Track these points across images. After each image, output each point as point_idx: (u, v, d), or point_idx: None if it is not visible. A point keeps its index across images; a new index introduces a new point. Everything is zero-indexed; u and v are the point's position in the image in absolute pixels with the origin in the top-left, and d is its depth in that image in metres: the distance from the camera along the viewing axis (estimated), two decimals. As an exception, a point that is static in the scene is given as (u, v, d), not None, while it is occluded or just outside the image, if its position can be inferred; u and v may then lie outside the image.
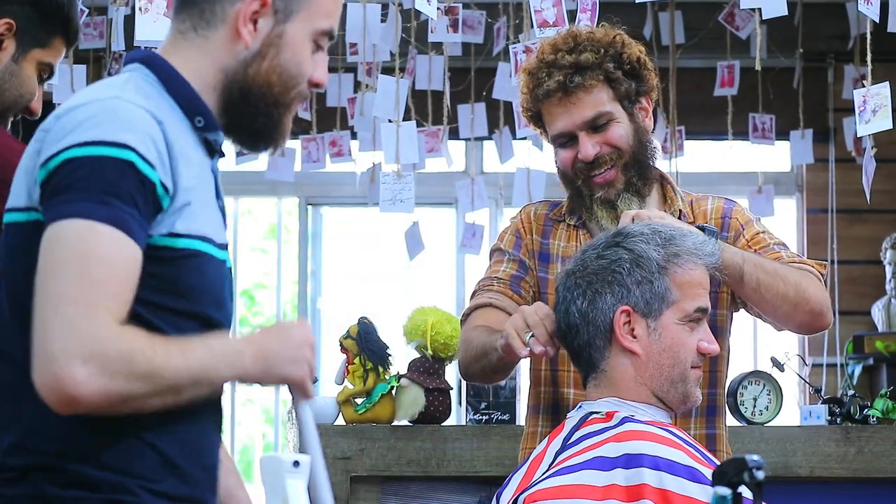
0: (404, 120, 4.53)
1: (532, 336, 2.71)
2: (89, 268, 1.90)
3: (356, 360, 3.78)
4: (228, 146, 2.19)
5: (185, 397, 1.96)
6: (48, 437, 1.97)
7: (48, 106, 5.84)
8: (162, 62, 2.09)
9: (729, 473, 1.98)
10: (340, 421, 3.82)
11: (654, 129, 3.12)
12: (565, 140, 3.00)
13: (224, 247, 2.12)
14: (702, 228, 2.83)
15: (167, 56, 2.10)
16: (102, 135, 1.94)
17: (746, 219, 3.08)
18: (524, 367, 3.60)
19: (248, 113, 2.12)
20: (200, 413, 2.05)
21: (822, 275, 2.99)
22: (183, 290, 2.02)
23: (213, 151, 2.13)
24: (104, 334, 1.88)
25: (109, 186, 1.92)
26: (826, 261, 6.28)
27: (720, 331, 3.01)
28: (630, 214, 2.81)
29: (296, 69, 2.12)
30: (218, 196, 2.14)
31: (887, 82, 3.61)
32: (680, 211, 3.05)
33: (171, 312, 2.01)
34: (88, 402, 1.88)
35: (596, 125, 2.97)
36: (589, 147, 2.97)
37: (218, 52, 2.09)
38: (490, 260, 3.16)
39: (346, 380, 3.82)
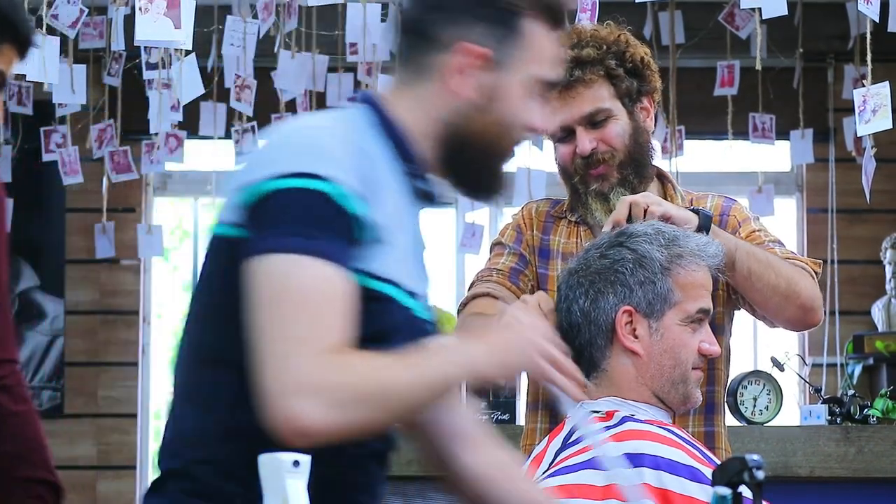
0: (404, 120, 4.52)
1: None
2: (308, 302, 1.89)
3: (356, 360, 3.78)
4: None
5: (424, 408, 1.97)
6: (192, 445, 2.01)
7: (48, 106, 5.86)
8: (382, 105, 2.08)
9: (729, 473, 1.98)
10: (340, 421, 3.81)
11: (654, 130, 3.12)
12: (564, 135, 3.00)
13: (415, 295, 2.09)
14: (696, 212, 2.83)
15: (390, 102, 2.09)
16: (309, 167, 1.93)
17: (744, 217, 3.08)
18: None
19: (466, 163, 2.10)
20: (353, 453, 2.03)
21: (816, 273, 2.99)
22: (365, 334, 1.98)
23: (422, 199, 2.11)
24: (328, 365, 1.87)
25: (316, 219, 1.91)
26: (826, 260, 6.29)
27: (718, 329, 3.01)
28: (627, 201, 2.80)
29: (513, 119, 2.09)
30: (418, 243, 2.14)
31: (887, 82, 3.61)
32: None
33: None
34: (323, 434, 1.87)
35: (594, 121, 2.97)
36: (586, 142, 2.97)
37: (435, 102, 2.07)
38: (490, 253, 3.16)
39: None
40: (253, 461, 1.83)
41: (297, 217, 1.91)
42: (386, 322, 2.01)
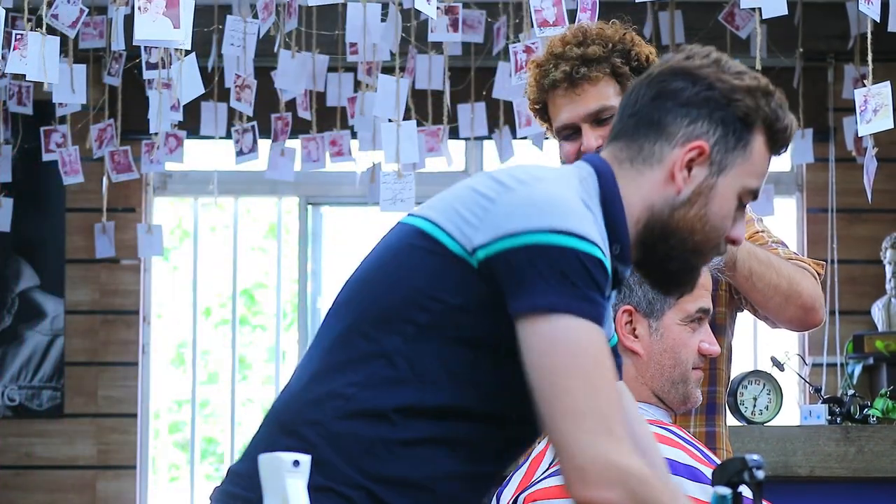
0: (404, 119, 4.53)
1: None
2: (594, 376, 1.94)
3: (356, 360, 3.78)
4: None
5: None
6: (302, 407, 2.04)
7: (48, 105, 5.87)
8: (613, 180, 2.12)
9: (729, 473, 1.98)
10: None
11: None
12: (569, 132, 3.00)
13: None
14: None
15: (615, 177, 2.13)
16: (573, 227, 1.98)
17: (748, 217, 3.08)
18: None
19: (665, 254, 2.13)
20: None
21: (818, 273, 2.99)
22: None
23: (616, 283, 2.14)
24: (627, 459, 1.94)
25: (591, 282, 1.97)
26: (826, 260, 6.29)
27: (719, 329, 3.01)
28: None
29: (719, 222, 2.13)
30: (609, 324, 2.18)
31: (888, 82, 3.61)
32: None
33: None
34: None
35: (600, 118, 2.97)
36: (592, 139, 2.97)
37: (649, 189, 2.11)
38: None
39: (346, 379, 3.81)
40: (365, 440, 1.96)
41: (576, 276, 1.96)
42: None
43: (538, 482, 2.61)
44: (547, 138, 5.71)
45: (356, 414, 2.02)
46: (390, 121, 4.52)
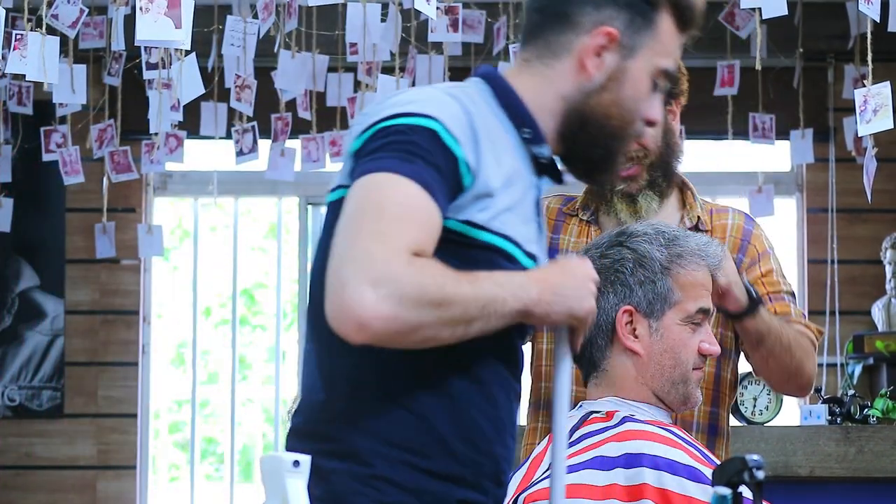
0: (404, 119, 4.52)
1: None
2: (389, 208, 1.94)
3: (356, 360, 3.78)
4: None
5: (474, 330, 1.97)
6: (316, 406, 2.06)
7: (48, 106, 5.86)
8: (499, 78, 2.15)
9: (729, 473, 1.99)
10: (340, 421, 3.81)
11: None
12: None
13: (533, 257, 2.13)
14: (748, 292, 2.86)
15: (509, 77, 2.16)
16: (413, 109, 2.01)
17: (764, 248, 3.07)
18: (525, 365, 3.58)
19: (585, 142, 2.16)
20: (478, 397, 2.06)
21: (817, 341, 3.02)
22: None
23: (540, 169, 2.16)
24: (396, 261, 1.90)
25: (415, 148, 1.98)
26: (826, 260, 6.29)
27: (726, 352, 3.02)
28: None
29: (634, 105, 2.15)
30: (538, 213, 2.17)
31: (888, 82, 3.61)
32: (698, 218, 3.05)
33: None
34: (379, 328, 1.90)
35: None
36: None
37: (560, 80, 2.14)
38: None
39: (346, 379, 3.81)
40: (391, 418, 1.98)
41: (401, 145, 1.98)
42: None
43: (538, 482, 2.61)
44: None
45: (369, 397, 2.04)
46: (390, 121, 4.51)
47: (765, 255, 3.06)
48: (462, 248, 2.03)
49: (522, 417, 3.83)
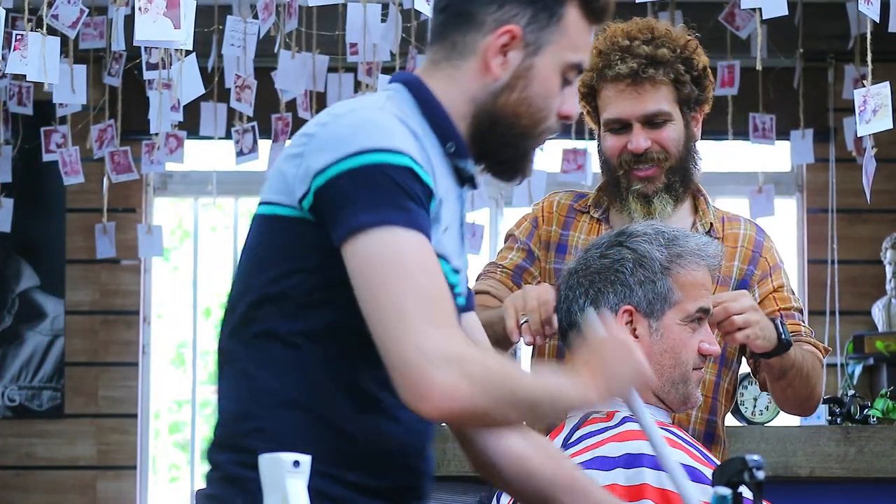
0: (404, 120, 4.52)
1: (526, 321, 2.71)
2: (415, 276, 1.93)
3: (356, 360, 3.78)
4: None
5: (538, 417, 2.03)
6: (232, 415, 2.04)
7: (48, 106, 5.87)
8: (421, 86, 2.12)
9: (729, 473, 1.98)
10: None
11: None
12: (619, 127, 3.00)
13: (458, 272, 2.14)
14: (777, 330, 2.86)
15: (425, 82, 2.13)
16: (378, 142, 1.97)
17: (775, 262, 3.07)
18: (524, 364, 3.59)
19: (496, 143, 2.13)
20: (404, 413, 2.04)
21: (823, 357, 3.03)
22: None
23: (463, 180, 2.14)
24: (457, 344, 1.92)
25: (401, 192, 1.95)
26: (826, 261, 6.29)
27: (727, 362, 3.02)
28: (746, 300, 2.82)
29: (543, 102, 2.13)
30: (462, 225, 2.16)
31: (888, 82, 3.61)
32: (711, 224, 3.06)
33: None
34: (464, 408, 1.91)
35: (653, 121, 2.97)
36: (641, 140, 2.96)
37: (468, 82, 2.11)
38: (504, 244, 3.15)
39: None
40: (303, 428, 1.95)
41: (380, 191, 1.95)
42: None
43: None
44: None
45: (284, 404, 2.02)
46: (390, 121, 4.51)
47: (776, 269, 3.06)
48: None
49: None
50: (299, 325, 2.02)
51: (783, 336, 2.84)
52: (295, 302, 2.02)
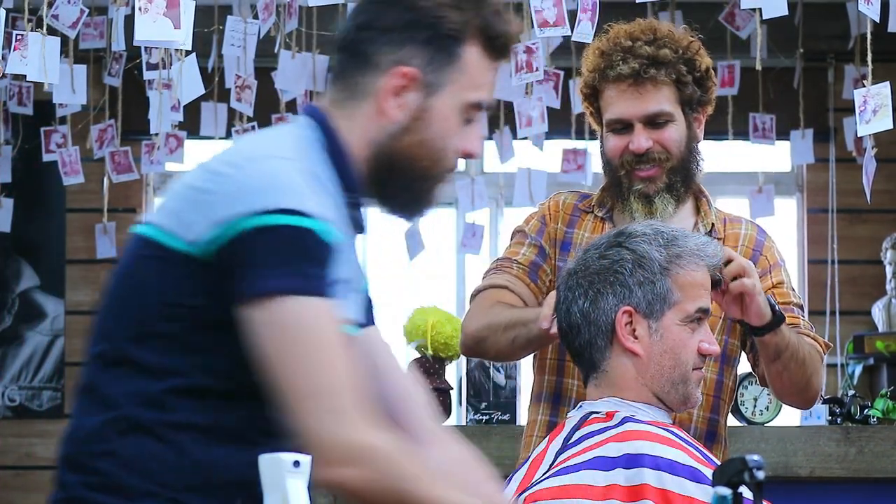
0: (404, 120, 4.52)
1: None
2: (323, 356, 1.92)
3: (356, 360, 3.78)
4: None
5: None
6: (86, 437, 2.01)
7: (48, 106, 5.86)
8: (329, 127, 2.09)
9: (729, 473, 1.98)
10: (341, 421, 3.81)
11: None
12: (620, 127, 3.00)
13: (356, 323, 2.13)
14: (772, 308, 2.84)
15: (333, 121, 2.09)
16: (290, 203, 1.94)
17: (775, 260, 3.08)
18: (525, 363, 3.60)
19: (394, 185, 2.11)
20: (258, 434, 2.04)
21: (824, 353, 3.02)
22: None
23: (357, 228, 2.13)
24: (365, 435, 1.93)
25: (308, 258, 1.93)
26: (826, 261, 6.29)
27: (729, 360, 3.02)
28: (743, 264, 2.80)
29: (442, 143, 2.10)
30: (357, 272, 2.15)
31: (888, 82, 3.61)
32: (712, 225, 3.06)
33: None
34: (349, 491, 1.95)
35: (655, 122, 2.98)
36: (643, 140, 2.97)
37: (366, 124, 2.08)
38: (511, 240, 3.15)
39: (346, 380, 3.81)
40: (155, 453, 1.92)
41: (295, 255, 1.93)
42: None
43: (538, 483, 2.61)
44: (549, 137, 5.71)
45: (138, 430, 2.00)
46: (390, 121, 4.51)
47: (776, 266, 3.06)
48: None
49: (522, 418, 3.83)
50: (166, 360, 2.00)
51: (776, 309, 2.84)
52: (166, 337, 2.00)
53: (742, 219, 3.15)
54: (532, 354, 3.08)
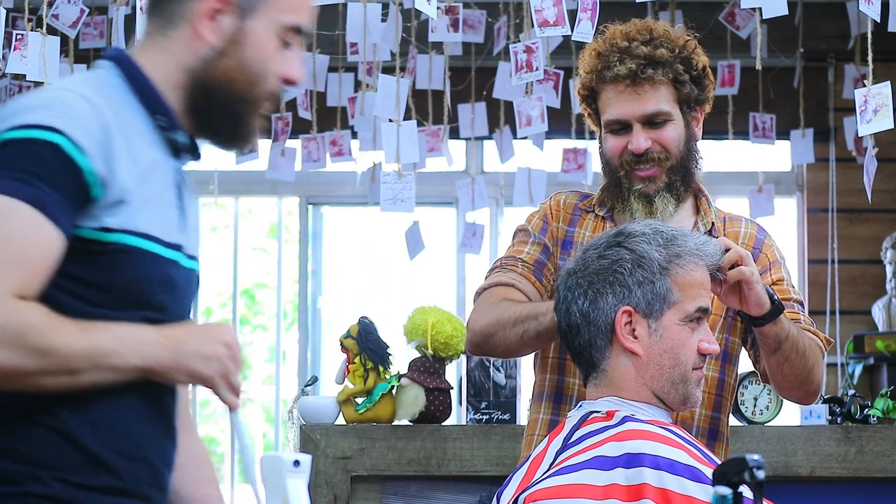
0: (405, 119, 4.53)
1: None
2: (2, 244, 1.91)
3: (357, 360, 3.78)
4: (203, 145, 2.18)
5: (84, 380, 1.94)
6: None
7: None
8: (130, 62, 2.10)
9: (729, 473, 1.98)
10: (341, 420, 3.82)
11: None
12: (619, 128, 3.00)
13: (175, 247, 2.10)
14: (771, 298, 2.84)
15: (137, 56, 2.11)
16: (36, 119, 1.96)
17: (775, 258, 3.08)
18: (526, 362, 3.60)
19: (212, 111, 2.11)
20: (122, 402, 2.03)
21: (825, 348, 3.02)
22: (110, 286, 2.01)
23: (178, 151, 2.13)
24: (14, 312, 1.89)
25: (35, 167, 1.93)
26: (826, 260, 6.28)
27: (730, 358, 3.02)
28: (742, 252, 2.80)
29: (259, 66, 2.10)
30: (180, 197, 2.13)
31: (888, 82, 3.61)
32: (712, 224, 3.06)
33: (98, 307, 2.00)
34: None
35: (653, 121, 2.98)
36: (642, 140, 2.97)
37: (180, 51, 2.09)
38: (513, 239, 3.15)
39: (346, 379, 3.82)
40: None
41: (21, 163, 1.93)
42: (136, 273, 2.03)
43: (538, 482, 2.61)
44: (549, 136, 5.71)
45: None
46: (391, 121, 4.52)
47: (776, 264, 3.07)
48: (98, 256, 2.00)
49: (521, 417, 3.83)
50: None
51: (774, 298, 2.84)
52: None
53: (742, 217, 3.15)
54: (533, 353, 3.08)
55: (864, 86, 3.63)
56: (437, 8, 4.25)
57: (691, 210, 3.09)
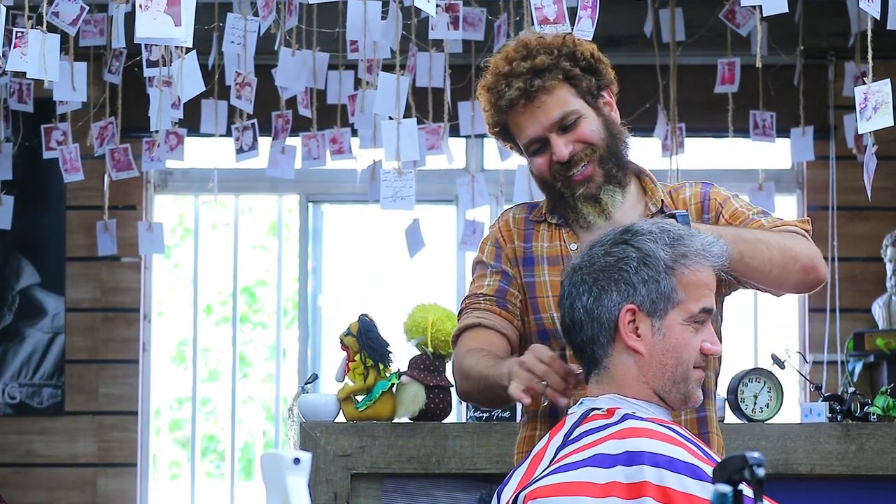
0: (405, 117, 4.53)
1: (546, 385, 2.70)
2: None
3: (357, 358, 3.78)
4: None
5: None
6: None
7: (48, 103, 5.86)
8: None
9: (730, 470, 1.98)
10: (341, 418, 3.82)
11: (620, 122, 3.11)
12: (538, 146, 3.01)
13: None
14: (672, 216, 2.83)
15: None
16: None
17: (724, 197, 3.08)
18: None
19: None
20: None
21: (807, 231, 2.99)
22: None
23: None
24: None
25: None
26: (826, 258, 6.27)
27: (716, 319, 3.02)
28: None
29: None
30: None
31: (888, 79, 3.61)
32: (662, 201, 3.06)
33: None
34: None
35: (565, 125, 2.98)
36: (562, 147, 2.98)
37: None
38: (473, 274, 3.15)
39: (346, 377, 3.82)
40: None
41: None
42: None
43: (538, 480, 2.61)
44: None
45: None
46: (391, 118, 4.52)
47: (725, 201, 3.06)
48: None
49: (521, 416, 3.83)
50: None
51: (674, 215, 2.83)
52: None
53: (685, 183, 3.15)
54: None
55: (864, 83, 3.63)
56: (437, 6, 4.24)
57: (638, 194, 3.08)
